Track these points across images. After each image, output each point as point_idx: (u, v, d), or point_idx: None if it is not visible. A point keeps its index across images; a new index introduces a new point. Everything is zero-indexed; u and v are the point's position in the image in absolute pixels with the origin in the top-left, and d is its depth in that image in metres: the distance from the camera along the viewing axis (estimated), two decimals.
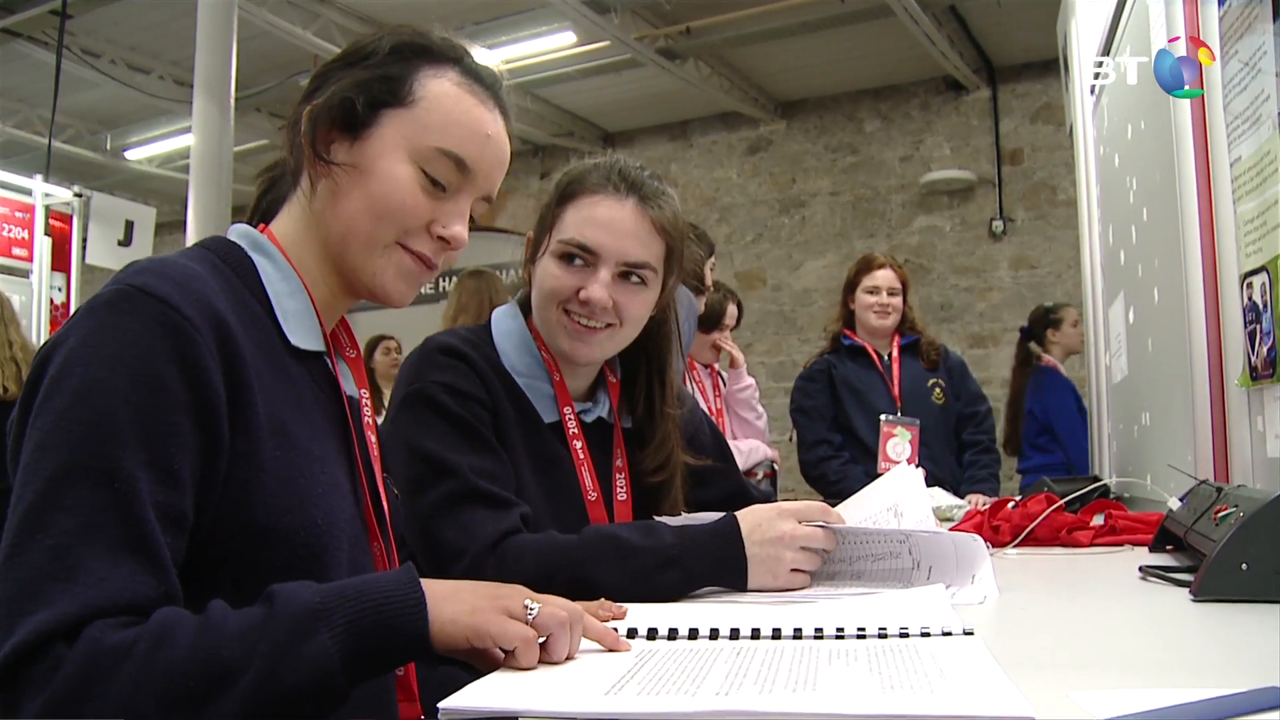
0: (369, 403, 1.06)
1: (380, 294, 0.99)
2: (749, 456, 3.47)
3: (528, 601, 0.77)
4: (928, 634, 0.83)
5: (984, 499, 2.55)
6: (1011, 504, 1.76)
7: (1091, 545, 1.56)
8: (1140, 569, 1.21)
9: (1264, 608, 0.94)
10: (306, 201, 0.99)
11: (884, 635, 0.83)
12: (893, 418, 3.20)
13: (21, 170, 5.62)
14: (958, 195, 7.14)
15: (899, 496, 1.29)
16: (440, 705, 0.64)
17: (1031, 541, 1.58)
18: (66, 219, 5.58)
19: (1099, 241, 3.09)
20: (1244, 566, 0.98)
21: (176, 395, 0.79)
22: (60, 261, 5.50)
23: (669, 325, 1.45)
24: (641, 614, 0.97)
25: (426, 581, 0.78)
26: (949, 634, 0.83)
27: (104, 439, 0.75)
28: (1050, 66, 6.01)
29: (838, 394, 3.29)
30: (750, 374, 3.68)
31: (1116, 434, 2.89)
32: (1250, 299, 1.46)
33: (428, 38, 1.01)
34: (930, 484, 2.80)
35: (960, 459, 3.29)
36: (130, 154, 8.23)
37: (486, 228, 6.51)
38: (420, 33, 1.01)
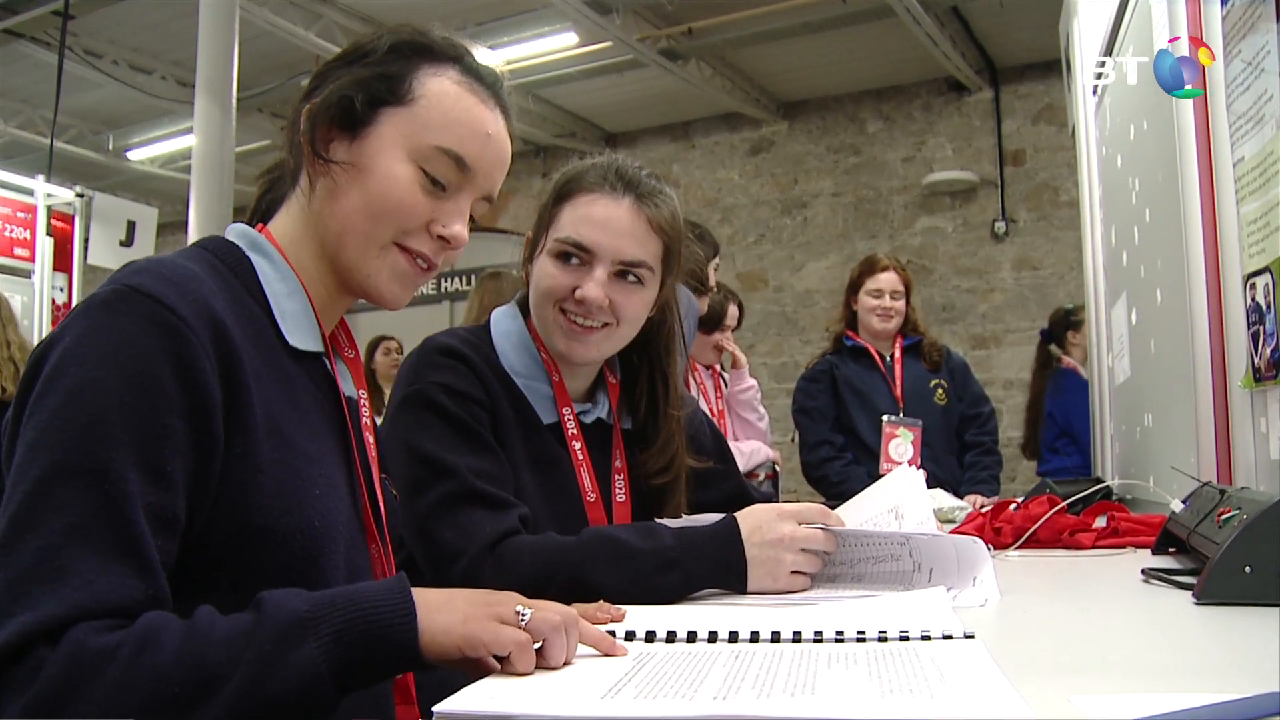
0: (367, 403, 1.05)
1: (374, 295, 0.99)
2: (751, 458, 3.46)
3: (519, 607, 0.76)
4: (928, 637, 0.82)
5: (982, 499, 2.54)
6: (1014, 506, 1.75)
7: (1094, 547, 1.55)
8: (1143, 572, 1.21)
9: (1267, 611, 0.93)
10: (305, 201, 0.99)
11: (884, 638, 0.83)
12: (895, 419, 3.19)
13: (24, 170, 5.62)
14: (960, 196, 7.13)
15: (900, 498, 1.29)
16: (435, 709, 0.64)
17: (1033, 543, 1.57)
18: (68, 219, 5.58)
19: (1101, 242, 3.08)
20: (1247, 569, 0.97)
21: (171, 396, 0.78)
22: (62, 262, 5.50)
23: (670, 325, 1.44)
24: (640, 616, 0.97)
25: (418, 591, 0.77)
26: (949, 637, 0.82)
27: (96, 439, 0.74)
28: (1052, 67, 6.01)
29: (840, 395, 3.29)
30: (752, 375, 3.67)
31: (1119, 435, 2.88)
32: (1253, 300, 1.45)
33: (428, 36, 1.00)
34: (931, 485, 2.80)
35: (962, 460, 3.29)
36: (132, 154, 8.24)
37: (488, 228, 6.52)
38: (420, 31, 1.01)
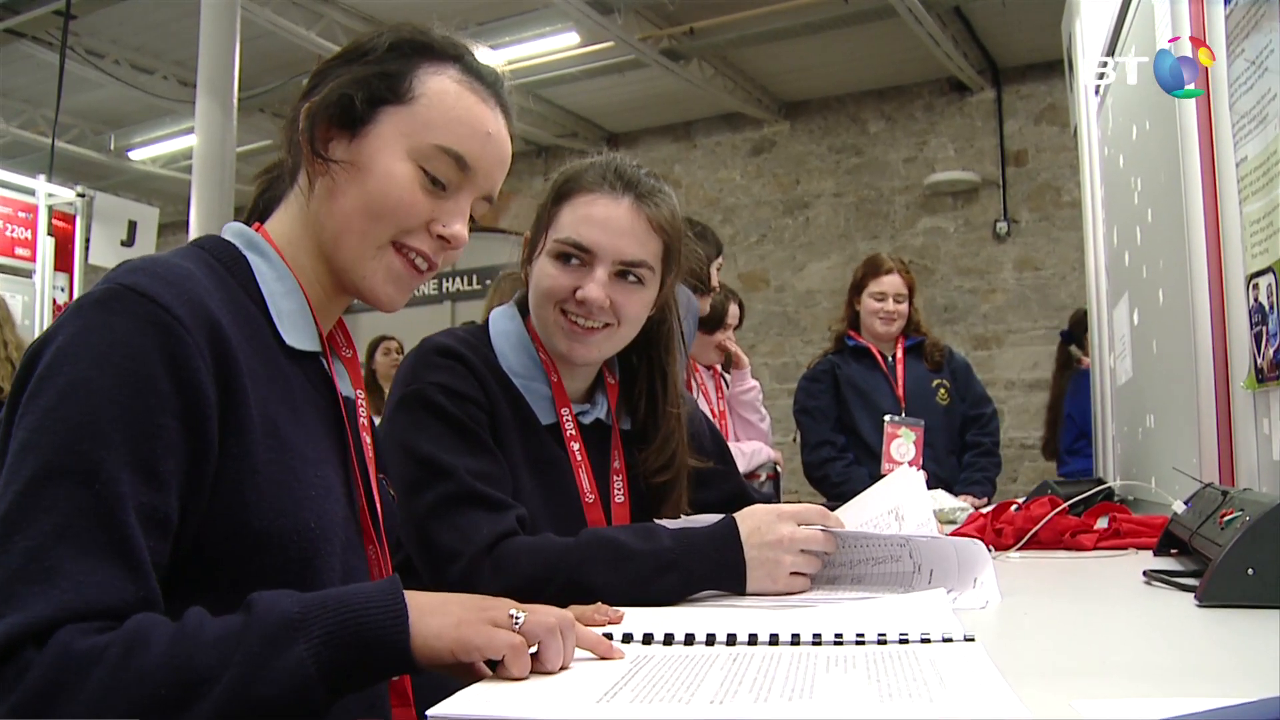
0: (365, 403, 1.05)
1: (369, 296, 0.98)
2: (752, 458, 3.45)
3: (513, 611, 0.76)
4: (928, 640, 0.82)
5: (974, 500, 2.52)
6: (1015, 506, 1.74)
7: (1095, 549, 1.54)
8: (1144, 573, 1.20)
9: (1270, 614, 0.92)
10: (304, 200, 0.98)
11: (883, 641, 0.82)
12: (897, 419, 3.18)
13: (25, 170, 5.62)
14: (962, 196, 7.12)
15: (900, 499, 1.28)
16: (428, 713, 0.63)
17: (1035, 545, 1.57)
18: (70, 219, 5.58)
19: (1103, 243, 3.07)
20: (1250, 571, 0.96)
21: (164, 396, 0.77)
22: (63, 262, 5.50)
23: (669, 324, 1.44)
24: (638, 618, 0.96)
25: (411, 594, 0.76)
26: (949, 640, 0.82)
27: (87, 439, 0.74)
28: (1055, 67, 5.99)
29: (842, 395, 3.28)
30: (754, 376, 3.66)
31: (1121, 436, 2.87)
32: (1256, 300, 1.44)
33: (428, 35, 1.00)
34: (933, 486, 2.79)
35: (962, 460, 3.28)
36: (134, 154, 8.24)
37: (489, 229, 6.51)
38: (420, 30, 1.00)
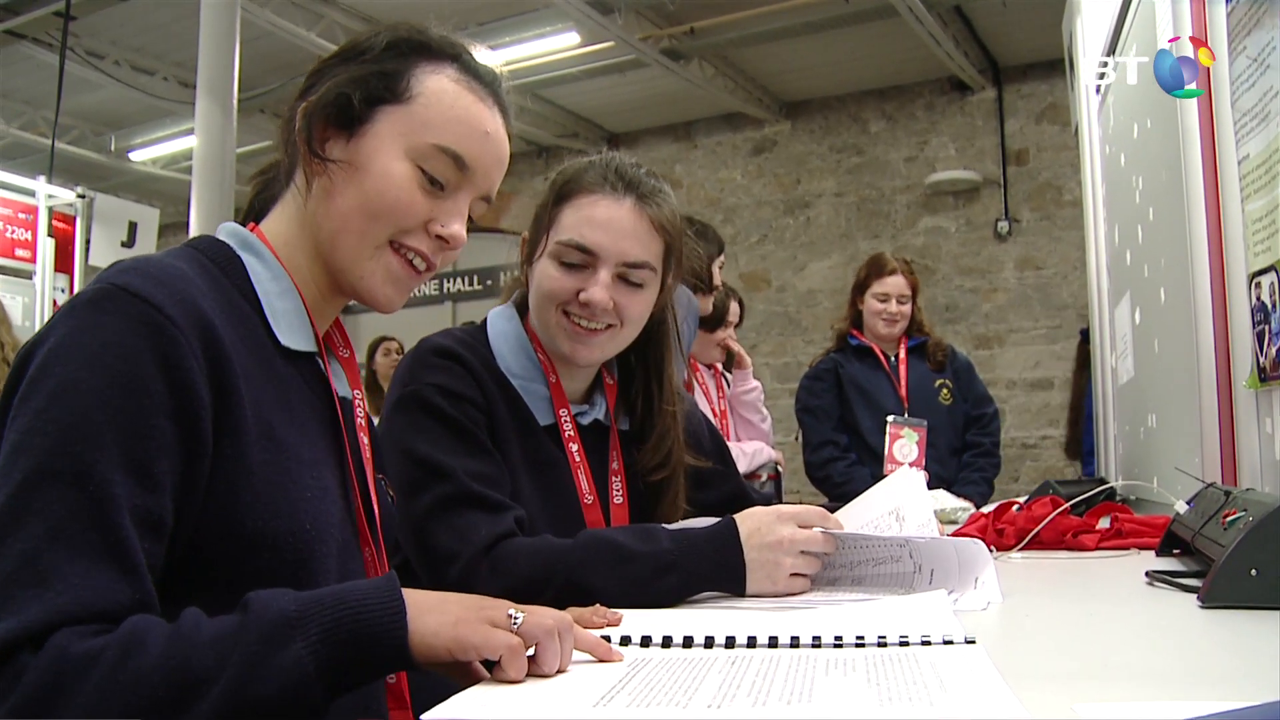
0: (362, 403, 1.04)
1: (367, 297, 0.97)
2: (753, 459, 3.44)
3: (511, 611, 0.75)
4: (928, 642, 0.81)
5: (967, 502, 2.50)
6: (1016, 507, 1.74)
7: (1097, 549, 1.53)
8: (1147, 574, 1.19)
9: (1274, 615, 0.91)
10: (300, 200, 0.97)
11: (883, 644, 0.81)
12: (900, 419, 3.16)
13: (25, 171, 5.62)
14: (963, 196, 7.11)
15: (900, 500, 1.27)
16: (423, 717, 0.62)
17: (1036, 545, 1.56)
18: (70, 220, 5.58)
19: (1105, 242, 3.06)
20: (1253, 572, 0.95)
21: (157, 397, 0.77)
22: (63, 263, 5.50)
23: (666, 324, 1.43)
24: (637, 620, 0.96)
25: (409, 591, 0.76)
26: (950, 642, 0.81)
27: (80, 441, 0.73)
28: (1056, 66, 5.98)
29: (845, 394, 3.27)
30: (755, 376, 3.65)
31: (1122, 436, 2.86)
32: (1259, 299, 1.43)
33: (425, 34, 0.99)
34: (935, 486, 2.78)
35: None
36: (134, 155, 8.24)
37: (490, 229, 6.52)
38: (418, 29, 0.99)
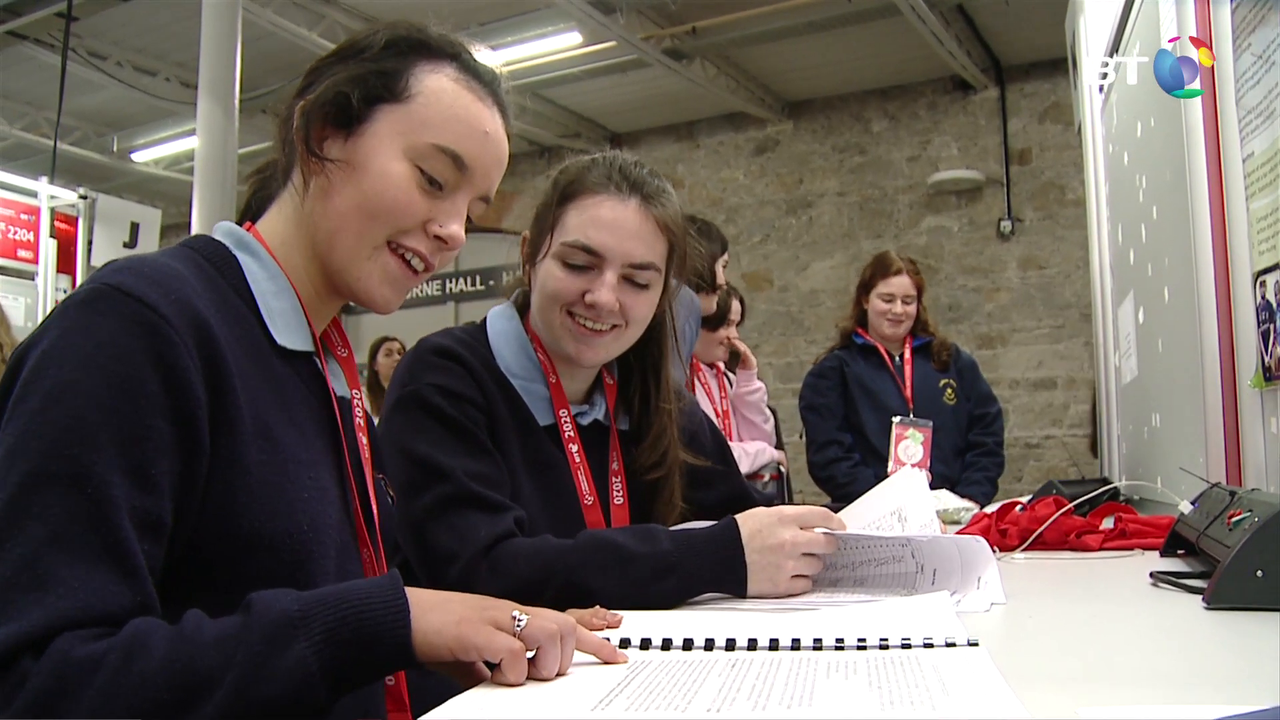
0: (360, 403, 1.03)
1: (364, 298, 0.97)
2: (755, 459, 3.43)
3: (515, 613, 0.74)
4: (931, 645, 0.80)
5: (971, 502, 2.49)
6: (1019, 507, 1.73)
7: (1101, 550, 1.53)
8: (1151, 575, 1.18)
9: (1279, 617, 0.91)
10: (298, 200, 0.97)
11: (885, 646, 0.81)
12: (905, 419, 3.15)
13: (27, 172, 5.63)
14: (965, 195, 7.10)
15: (903, 500, 1.27)
16: (422, 719, 0.62)
17: (1040, 545, 1.55)
18: (72, 221, 5.59)
19: (1108, 241, 3.05)
20: (1259, 574, 0.94)
21: (153, 397, 0.76)
22: (65, 264, 5.51)
23: (664, 323, 1.42)
24: (637, 622, 0.95)
25: (412, 590, 0.75)
26: (953, 644, 0.80)
27: (76, 443, 0.72)
28: (1058, 65, 5.99)
29: (849, 392, 3.25)
30: (758, 376, 3.64)
31: (1126, 435, 2.85)
32: (1263, 298, 1.43)
33: (424, 33, 0.98)
34: (939, 486, 2.77)
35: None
36: (136, 156, 8.25)
37: (491, 229, 6.51)
38: (417, 28, 0.99)
